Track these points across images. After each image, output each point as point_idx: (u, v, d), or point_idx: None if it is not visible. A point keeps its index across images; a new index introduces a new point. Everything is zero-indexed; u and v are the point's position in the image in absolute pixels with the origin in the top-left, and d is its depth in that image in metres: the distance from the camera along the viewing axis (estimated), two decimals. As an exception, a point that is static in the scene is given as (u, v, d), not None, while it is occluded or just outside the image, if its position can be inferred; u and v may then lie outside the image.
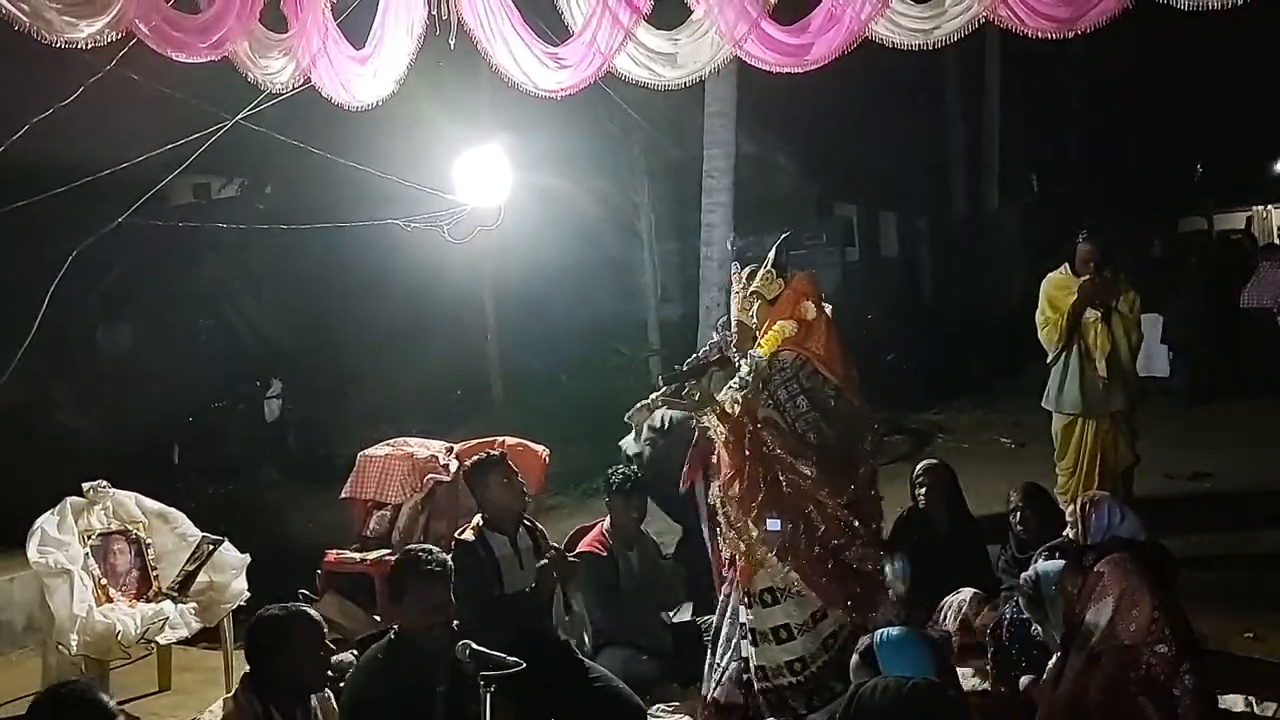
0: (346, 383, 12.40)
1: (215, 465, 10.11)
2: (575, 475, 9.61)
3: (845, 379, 4.76)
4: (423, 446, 6.99)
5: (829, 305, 4.92)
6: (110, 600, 5.59)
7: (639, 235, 13.71)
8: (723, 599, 5.02)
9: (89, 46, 4.28)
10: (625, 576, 5.79)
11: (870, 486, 4.84)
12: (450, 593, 4.01)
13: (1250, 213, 25.48)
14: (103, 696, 3.13)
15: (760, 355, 4.74)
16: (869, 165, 19.02)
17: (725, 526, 4.76)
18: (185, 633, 5.72)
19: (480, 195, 6.25)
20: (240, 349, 12.89)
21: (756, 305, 4.88)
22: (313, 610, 3.70)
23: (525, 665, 3.53)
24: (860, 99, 15.86)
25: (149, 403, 10.15)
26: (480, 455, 5.19)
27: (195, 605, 5.77)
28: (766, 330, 4.81)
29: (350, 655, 5.22)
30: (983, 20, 4.61)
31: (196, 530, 6.02)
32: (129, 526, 5.88)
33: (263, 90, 5.35)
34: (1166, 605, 4.05)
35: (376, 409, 11.16)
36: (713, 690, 4.90)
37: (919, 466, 6.27)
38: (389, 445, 7.02)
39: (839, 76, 5.48)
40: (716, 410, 4.68)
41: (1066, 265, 6.90)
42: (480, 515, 5.00)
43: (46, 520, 5.56)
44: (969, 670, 5.03)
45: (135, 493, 6.01)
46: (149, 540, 5.91)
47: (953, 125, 19.35)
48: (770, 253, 4.95)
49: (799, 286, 4.86)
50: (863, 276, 19.28)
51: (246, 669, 3.66)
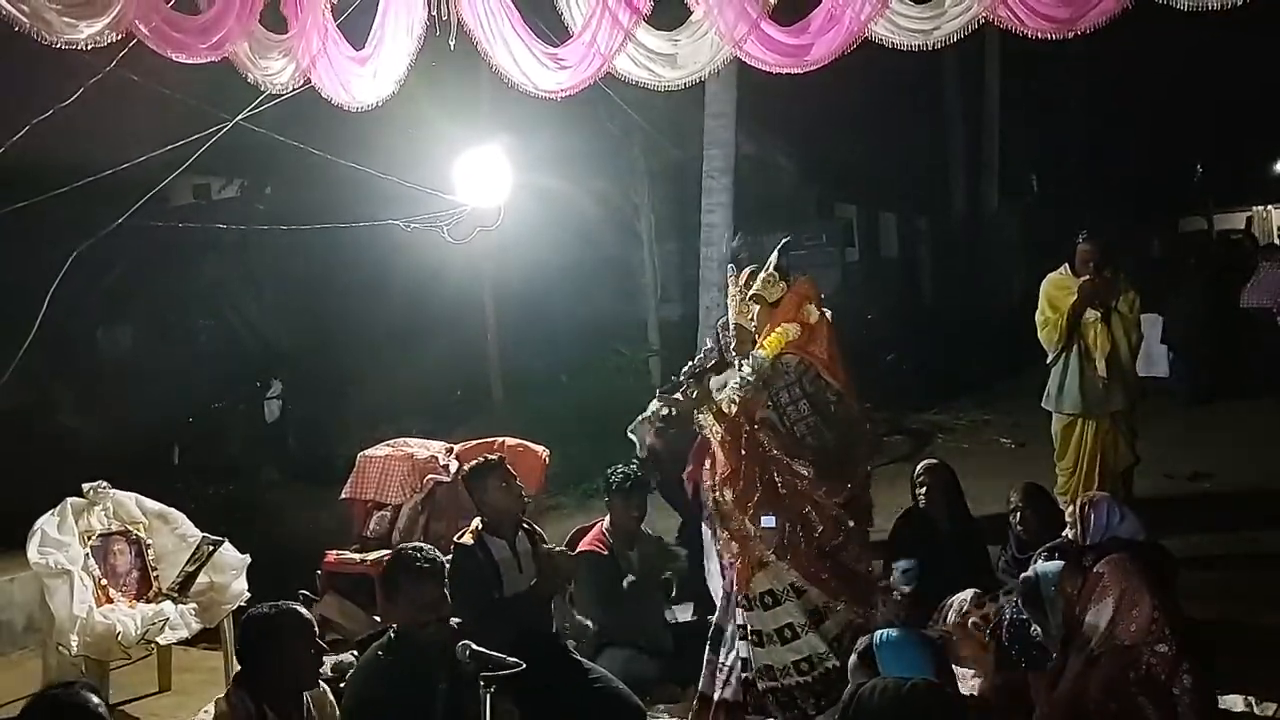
0: (346, 383, 12.37)
1: (215, 466, 10.13)
2: (575, 476, 9.61)
3: (845, 383, 4.77)
4: (422, 447, 7.00)
5: (828, 309, 4.93)
6: (110, 601, 5.60)
7: (639, 236, 13.69)
8: (723, 598, 5.01)
9: (89, 47, 4.28)
10: (625, 575, 5.79)
11: (866, 488, 4.85)
12: (443, 589, 4.01)
13: (1250, 213, 25.50)
14: (93, 699, 3.04)
15: (763, 356, 4.74)
16: (869, 166, 18.99)
17: (720, 527, 4.76)
18: (185, 633, 5.73)
19: (480, 196, 6.25)
20: (240, 349, 12.88)
21: (756, 308, 4.89)
22: (302, 608, 3.69)
23: (525, 665, 3.53)
24: (860, 99, 15.81)
25: (149, 403, 10.14)
26: (479, 459, 5.17)
27: (195, 606, 5.78)
28: (768, 333, 4.81)
29: (350, 655, 5.23)
30: (982, 21, 4.59)
31: (197, 531, 6.03)
32: (129, 527, 5.89)
33: (262, 91, 5.35)
34: (1166, 605, 4.05)
35: (376, 409, 11.13)
36: (720, 690, 4.89)
37: (919, 466, 6.26)
38: (389, 446, 7.03)
39: (839, 77, 5.47)
40: (713, 409, 4.69)
41: (1066, 265, 6.90)
42: (479, 519, 5.00)
43: (47, 521, 5.57)
44: (969, 671, 5.03)
45: (135, 493, 6.02)
46: (149, 541, 5.92)
47: (952, 125, 19.33)
48: (772, 256, 4.95)
49: (801, 290, 4.87)
50: (862, 277, 19.29)
51: (238, 668, 3.67)
